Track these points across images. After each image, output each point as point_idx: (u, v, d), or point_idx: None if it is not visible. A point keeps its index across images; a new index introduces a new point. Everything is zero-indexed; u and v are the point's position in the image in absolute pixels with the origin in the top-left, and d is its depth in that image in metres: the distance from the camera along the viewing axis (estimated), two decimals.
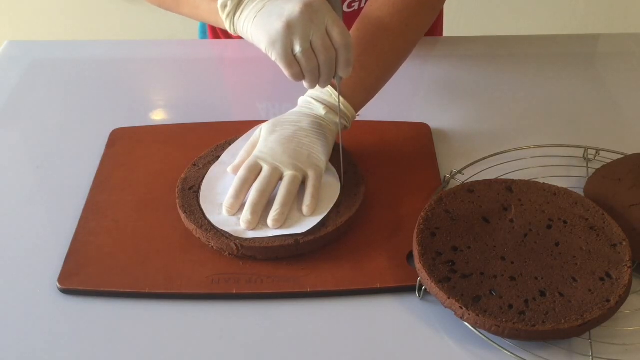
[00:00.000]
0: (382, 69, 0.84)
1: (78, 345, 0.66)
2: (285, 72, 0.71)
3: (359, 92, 0.82)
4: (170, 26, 1.94)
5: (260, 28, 0.71)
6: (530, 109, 0.96)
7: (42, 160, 0.87)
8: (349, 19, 0.94)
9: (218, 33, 1.16)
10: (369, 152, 0.86)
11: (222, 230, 0.73)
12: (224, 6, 0.74)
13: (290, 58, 0.70)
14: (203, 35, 1.23)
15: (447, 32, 1.20)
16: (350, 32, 0.78)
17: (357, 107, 0.82)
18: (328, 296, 0.70)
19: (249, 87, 1.02)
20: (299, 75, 0.71)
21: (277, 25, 0.69)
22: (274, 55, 0.70)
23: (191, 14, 0.89)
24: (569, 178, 0.82)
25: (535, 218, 0.73)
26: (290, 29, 0.68)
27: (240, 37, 1.09)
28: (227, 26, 0.76)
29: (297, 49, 0.69)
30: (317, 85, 0.73)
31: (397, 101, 0.98)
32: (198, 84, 1.02)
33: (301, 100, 0.82)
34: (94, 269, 0.71)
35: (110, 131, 0.90)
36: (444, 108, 0.96)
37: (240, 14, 0.73)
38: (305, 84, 0.73)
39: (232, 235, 0.72)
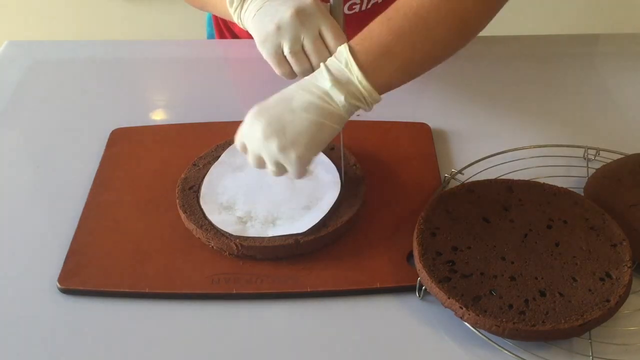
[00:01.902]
0: (412, 53, 0.72)
1: (78, 345, 0.66)
2: (276, 71, 0.74)
3: (381, 66, 0.69)
4: (170, 26, 1.94)
5: (256, 26, 0.74)
6: (530, 108, 0.96)
7: (42, 160, 0.87)
8: (349, 22, 0.94)
9: (225, 34, 1.16)
10: (369, 152, 0.85)
11: (222, 230, 0.73)
12: (231, 2, 0.77)
13: (279, 58, 0.73)
14: (211, 35, 1.23)
15: None
16: (379, 18, 0.71)
17: (381, 87, 0.70)
18: (328, 296, 0.70)
19: (249, 87, 1.02)
20: (289, 75, 0.74)
21: (268, 26, 0.72)
22: (264, 54, 0.74)
23: (214, 11, 0.93)
24: (569, 178, 0.82)
25: (535, 218, 0.73)
26: (279, 30, 0.71)
27: (241, 37, 1.10)
28: (235, 20, 0.79)
29: (286, 50, 0.72)
30: None
31: (397, 101, 0.97)
32: (198, 84, 1.02)
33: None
34: (94, 269, 0.71)
35: (110, 131, 0.90)
36: (444, 108, 0.96)
37: (246, 10, 0.76)
38: None
39: (232, 235, 0.72)
